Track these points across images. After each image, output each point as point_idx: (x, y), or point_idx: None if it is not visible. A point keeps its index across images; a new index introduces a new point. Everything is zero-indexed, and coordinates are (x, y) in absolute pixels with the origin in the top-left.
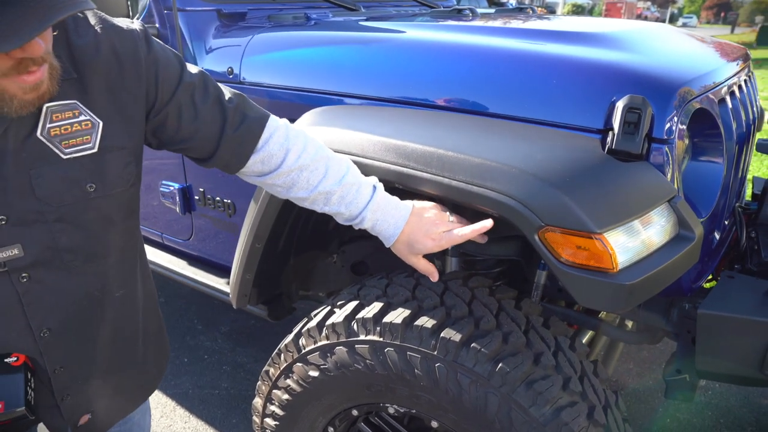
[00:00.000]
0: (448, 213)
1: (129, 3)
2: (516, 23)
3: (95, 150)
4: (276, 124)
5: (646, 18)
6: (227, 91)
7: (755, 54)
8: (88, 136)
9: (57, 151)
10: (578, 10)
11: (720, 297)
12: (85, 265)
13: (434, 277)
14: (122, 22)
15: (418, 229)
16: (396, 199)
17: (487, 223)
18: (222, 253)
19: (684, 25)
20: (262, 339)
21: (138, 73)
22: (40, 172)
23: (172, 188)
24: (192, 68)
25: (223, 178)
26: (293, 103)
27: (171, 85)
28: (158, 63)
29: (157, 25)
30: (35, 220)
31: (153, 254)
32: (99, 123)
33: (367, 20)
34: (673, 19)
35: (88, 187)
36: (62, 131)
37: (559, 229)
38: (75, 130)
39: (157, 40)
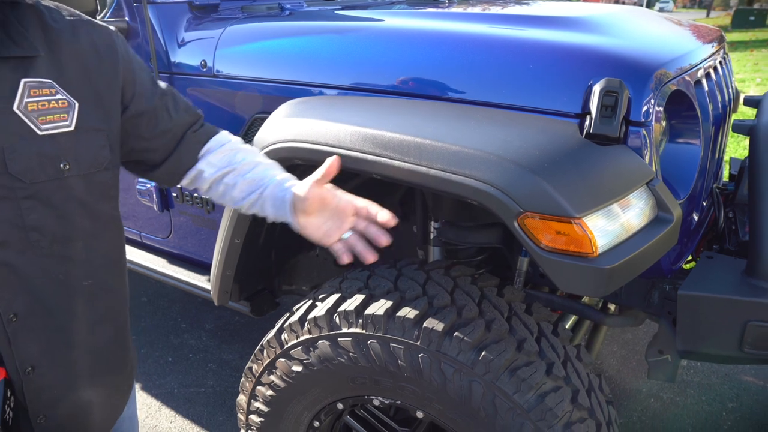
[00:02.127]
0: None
1: None
2: (493, 9)
3: (72, 128)
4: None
5: (623, 2)
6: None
7: (730, 37)
8: (65, 114)
9: (33, 127)
10: None
11: (699, 277)
12: (52, 246)
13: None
14: (95, 20)
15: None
16: None
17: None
18: (202, 250)
19: (661, 9)
20: (248, 335)
21: (115, 64)
22: (15, 147)
23: (148, 186)
24: (160, 82)
25: None
26: (269, 95)
27: (147, 91)
28: (133, 64)
29: (126, 19)
30: (4, 197)
31: (132, 253)
32: (75, 103)
33: (342, 9)
34: (650, 4)
35: (62, 166)
36: (39, 107)
37: (538, 214)
38: (52, 107)
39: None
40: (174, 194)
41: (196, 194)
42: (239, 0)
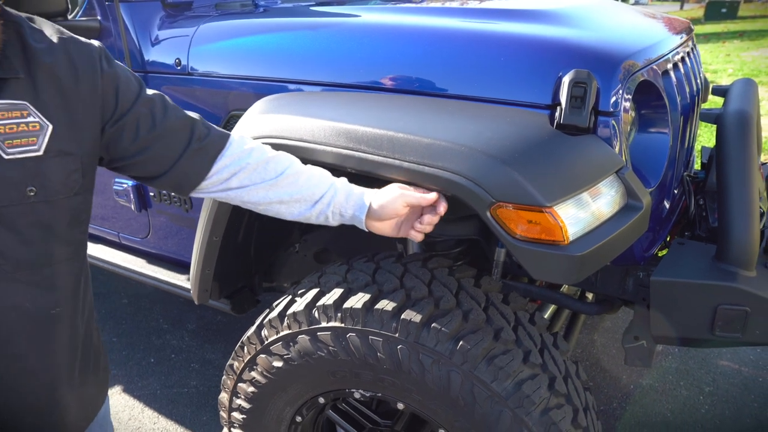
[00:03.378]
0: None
1: None
2: (464, 3)
3: (40, 153)
4: (233, 137)
5: None
6: (188, 111)
7: (703, 29)
8: (35, 138)
9: None
10: None
11: (671, 263)
12: (16, 272)
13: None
14: (80, 37)
15: (387, 192)
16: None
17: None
18: (181, 249)
19: (636, 2)
20: (230, 335)
21: (94, 83)
22: None
23: (125, 186)
24: (151, 90)
25: None
26: (244, 92)
27: (129, 99)
28: (118, 79)
29: (99, 18)
30: None
31: (111, 254)
32: (48, 126)
33: (316, 5)
34: None
35: (27, 191)
36: (7, 130)
37: (511, 204)
38: (21, 131)
39: (118, 62)
40: (152, 194)
41: (173, 193)
42: None
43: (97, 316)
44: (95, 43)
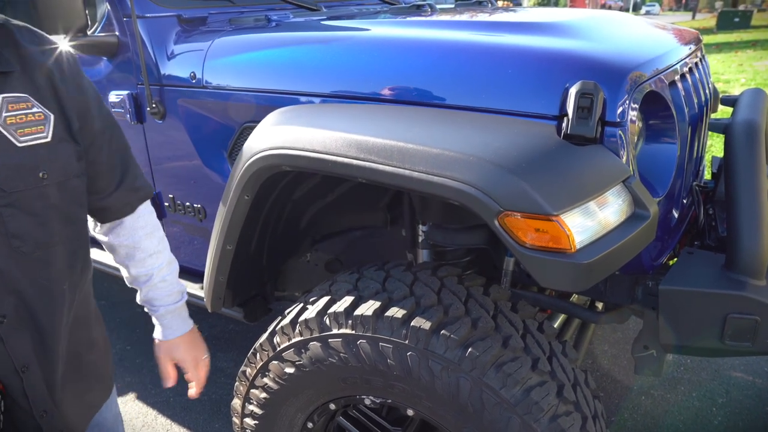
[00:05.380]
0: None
1: (87, 11)
2: (473, 17)
3: (49, 139)
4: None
5: (610, 7)
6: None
7: (715, 39)
8: (42, 126)
9: (12, 139)
10: (543, 2)
11: (680, 272)
12: (35, 252)
13: (169, 382)
14: (59, 43)
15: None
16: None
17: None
18: (195, 258)
19: (647, 13)
20: (242, 343)
21: (77, 83)
22: None
23: None
24: (113, 118)
25: (193, 184)
26: (257, 105)
27: (96, 111)
28: (89, 90)
29: (117, 33)
30: None
31: None
32: (51, 116)
33: (327, 19)
34: (636, 8)
35: (40, 175)
36: (18, 120)
37: (519, 213)
38: (29, 120)
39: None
40: (166, 204)
41: (188, 203)
42: (227, 13)
43: (113, 325)
44: (72, 51)
